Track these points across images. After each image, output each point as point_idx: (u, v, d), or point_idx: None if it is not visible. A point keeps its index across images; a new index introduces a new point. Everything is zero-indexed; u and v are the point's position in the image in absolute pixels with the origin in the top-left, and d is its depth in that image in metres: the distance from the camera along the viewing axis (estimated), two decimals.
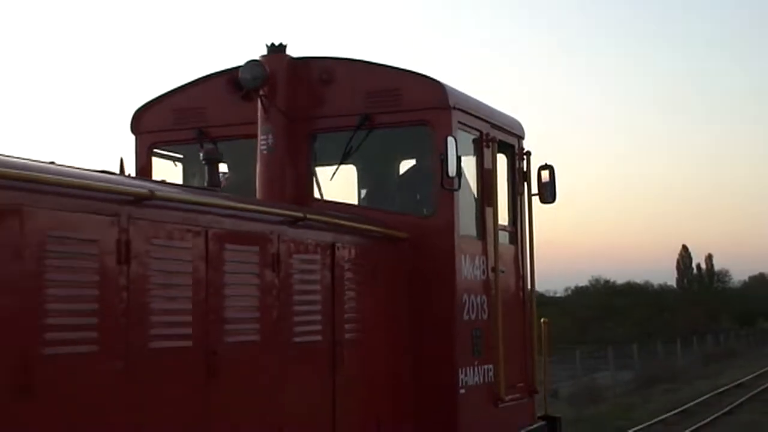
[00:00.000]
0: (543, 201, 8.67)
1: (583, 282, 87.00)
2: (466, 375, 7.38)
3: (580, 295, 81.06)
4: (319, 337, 6.21)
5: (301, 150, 7.60)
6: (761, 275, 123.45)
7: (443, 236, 7.35)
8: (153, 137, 8.06)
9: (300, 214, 6.11)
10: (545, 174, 8.66)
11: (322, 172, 7.96)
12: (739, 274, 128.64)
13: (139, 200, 4.81)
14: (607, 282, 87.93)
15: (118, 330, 4.59)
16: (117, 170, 7.19)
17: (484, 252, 7.87)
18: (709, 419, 20.21)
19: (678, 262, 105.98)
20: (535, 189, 8.74)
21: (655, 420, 19.74)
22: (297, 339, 5.97)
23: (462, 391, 7.28)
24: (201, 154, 6.88)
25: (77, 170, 4.81)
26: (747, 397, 25.48)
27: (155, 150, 8.08)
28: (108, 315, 4.54)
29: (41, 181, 4.25)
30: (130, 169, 7.71)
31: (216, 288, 5.29)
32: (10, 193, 4.06)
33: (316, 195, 7.71)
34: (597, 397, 25.37)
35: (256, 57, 7.45)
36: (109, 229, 4.59)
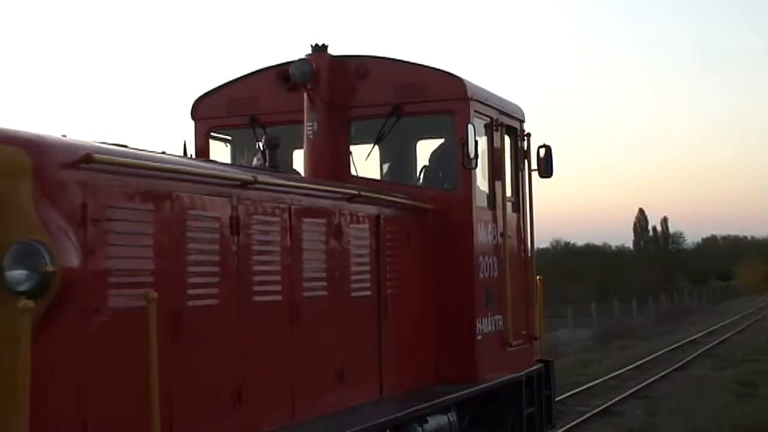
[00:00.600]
0: (541, 176, 9.75)
1: (544, 244, 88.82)
2: (481, 324, 8.50)
3: (541, 256, 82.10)
4: (369, 293, 7.35)
5: (340, 134, 8.61)
6: (713, 237, 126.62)
7: (463, 207, 8.44)
8: (210, 123, 9.00)
9: (355, 192, 7.23)
10: (543, 152, 9.78)
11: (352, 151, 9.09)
12: (693, 236, 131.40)
13: (245, 185, 5.94)
14: (567, 244, 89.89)
15: (231, 287, 5.74)
16: (181, 151, 8.34)
17: (495, 220, 8.98)
18: (661, 374, 20.79)
19: (635, 224, 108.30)
20: (534, 165, 9.81)
21: (611, 375, 20.19)
22: (353, 294, 7.12)
23: (479, 337, 8.42)
24: (262, 139, 7.96)
25: (201, 162, 5.94)
26: (698, 353, 26.25)
27: (212, 134, 9.12)
28: (225, 276, 5.67)
29: (184, 172, 5.40)
30: (190, 150, 8.81)
31: (296, 253, 6.43)
32: (166, 183, 5.19)
33: (353, 172, 8.77)
34: (556, 353, 25.67)
35: (303, 56, 8.42)
36: (225, 207, 5.73)
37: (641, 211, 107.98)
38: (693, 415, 14.95)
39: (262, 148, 7.96)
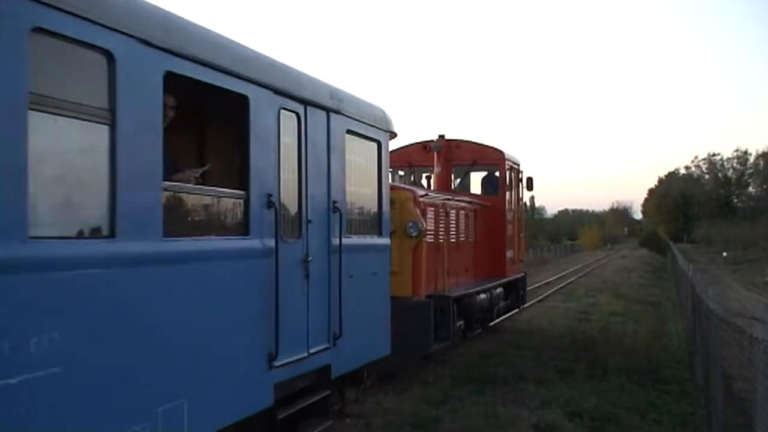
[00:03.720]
0: (528, 190, 16.61)
1: None
2: (507, 253, 15.32)
3: None
4: (473, 239, 14.11)
5: (449, 172, 15.13)
6: (566, 210, 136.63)
7: (501, 204, 15.13)
8: (391, 164, 15.49)
9: (471, 200, 14.08)
10: (527, 178, 16.60)
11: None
12: (552, 209, 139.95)
13: (449, 199, 12.77)
14: None
15: (447, 235, 12.52)
16: None
17: (510, 210, 15.76)
18: (527, 305, 19.74)
19: None
20: (525, 185, 16.59)
21: None
22: (468, 240, 13.88)
23: (507, 258, 15.24)
24: (423, 176, 14.65)
25: (438, 192, 12.75)
26: (552, 290, 27.65)
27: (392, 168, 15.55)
28: (446, 231, 12.43)
29: (438, 196, 12.23)
30: None
31: (458, 224, 13.18)
32: (434, 200, 12.02)
33: (452, 188, 15.31)
34: None
35: (435, 138, 15.02)
36: (444, 207, 12.52)
37: None
38: (547, 332, 15.71)
39: (424, 178, 14.67)
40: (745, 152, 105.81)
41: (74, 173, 4.29)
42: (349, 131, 7.69)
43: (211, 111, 6.65)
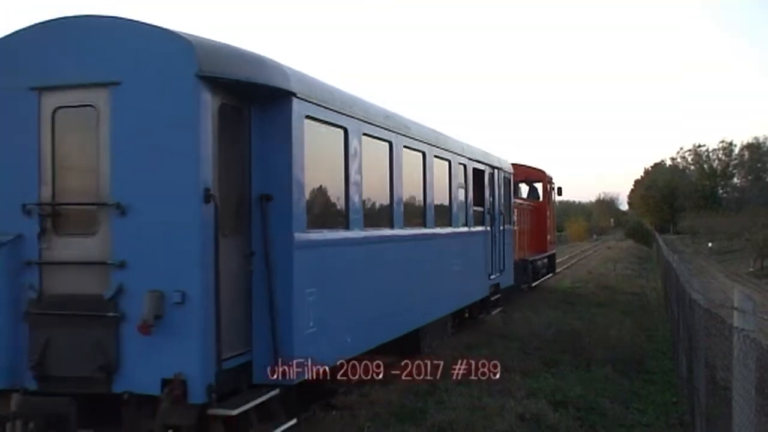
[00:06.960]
0: (558, 195, 27.62)
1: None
2: (547, 237, 26.23)
3: None
4: (529, 227, 24.94)
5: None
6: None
7: (543, 206, 26.04)
8: None
9: (529, 203, 24.98)
10: (558, 188, 27.58)
11: None
12: None
13: (522, 204, 23.63)
14: None
15: (521, 224, 23.31)
16: None
17: (549, 208, 26.68)
18: (516, 293, 21.67)
19: None
20: (556, 190, 27.59)
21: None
22: (529, 227, 24.70)
23: (547, 239, 26.15)
24: None
25: (520, 199, 23.72)
26: (539, 281, 26.55)
27: None
28: (521, 223, 23.26)
29: (520, 202, 23.18)
30: None
31: (525, 218, 23.96)
32: (518, 205, 22.95)
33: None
34: None
35: None
36: (519, 209, 23.37)
37: None
38: (533, 323, 16.63)
39: None
40: (730, 143, 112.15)
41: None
42: (504, 177, 18.49)
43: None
